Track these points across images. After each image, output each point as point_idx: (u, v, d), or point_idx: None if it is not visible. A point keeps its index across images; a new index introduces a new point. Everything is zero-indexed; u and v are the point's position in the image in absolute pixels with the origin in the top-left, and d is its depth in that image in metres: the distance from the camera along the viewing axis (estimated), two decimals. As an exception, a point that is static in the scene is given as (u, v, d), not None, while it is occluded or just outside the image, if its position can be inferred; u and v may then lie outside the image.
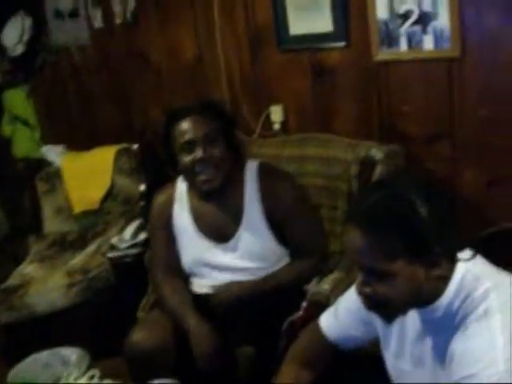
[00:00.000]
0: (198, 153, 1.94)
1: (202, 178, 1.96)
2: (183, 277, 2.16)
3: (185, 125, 1.96)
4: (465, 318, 1.22)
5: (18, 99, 3.56)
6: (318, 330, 1.62)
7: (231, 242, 2.05)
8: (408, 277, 1.23)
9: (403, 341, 1.42)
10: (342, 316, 1.57)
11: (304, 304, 2.02)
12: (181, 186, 2.14)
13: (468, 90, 2.28)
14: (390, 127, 2.52)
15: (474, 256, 1.28)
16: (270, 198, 2.04)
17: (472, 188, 2.37)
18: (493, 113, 2.26)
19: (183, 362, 2.00)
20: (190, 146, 1.95)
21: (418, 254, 1.22)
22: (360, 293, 1.31)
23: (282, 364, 1.63)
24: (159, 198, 2.18)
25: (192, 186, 2.06)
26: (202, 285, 2.13)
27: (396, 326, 1.42)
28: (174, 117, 2.00)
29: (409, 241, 1.21)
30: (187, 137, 1.95)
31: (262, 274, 2.06)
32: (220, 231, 2.06)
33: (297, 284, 2.07)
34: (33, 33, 3.33)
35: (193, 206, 2.10)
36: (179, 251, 2.14)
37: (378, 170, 2.27)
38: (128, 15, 3.04)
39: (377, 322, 1.47)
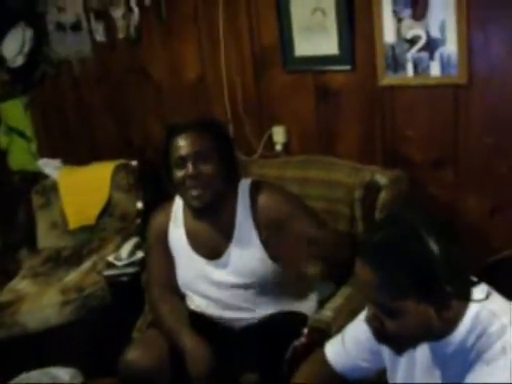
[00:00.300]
0: (189, 169, 1.96)
1: (192, 193, 1.97)
2: (180, 295, 2.15)
3: (180, 140, 1.99)
4: (480, 354, 1.20)
5: (15, 110, 3.52)
6: (323, 358, 1.59)
7: (223, 259, 2.04)
8: (417, 315, 1.21)
9: (412, 373, 1.39)
10: (350, 345, 1.55)
11: (305, 330, 1.99)
12: (177, 204, 2.15)
13: (473, 117, 2.28)
14: (394, 152, 2.51)
15: (488, 296, 1.25)
16: (262, 211, 2.03)
17: (475, 215, 2.36)
18: (498, 140, 2.25)
19: (180, 382, 1.97)
20: (182, 161, 1.97)
21: (427, 294, 1.20)
22: (369, 326, 1.29)
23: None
24: (157, 217, 2.18)
25: (184, 202, 2.07)
26: (198, 302, 2.12)
27: (404, 358, 1.39)
28: (173, 131, 2.03)
29: (419, 280, 1.19)
30: (180, 152, 1.97)
31: (253, 291, 2.04)
32: (212, 248, 2.06)
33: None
34: (33, 44, 3.30)
35: (187, 224, 2.11)
36: (176, 269, 2.13)
37: (383, 195, 2.26)
38: (131, 30, 3.02)
39: (385, 352, 1.45)
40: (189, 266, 2.10)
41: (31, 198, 3.24)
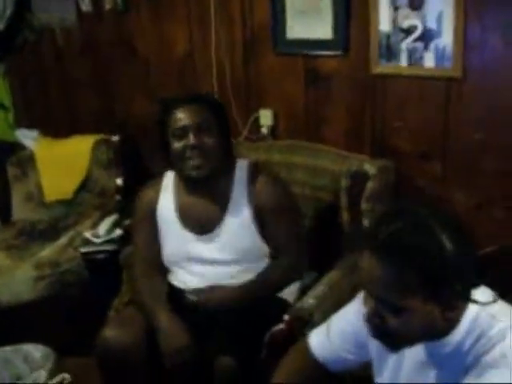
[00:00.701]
0: (190, 138, 1.97)
1: (192, 163, 1.98)
2: (163, 272, 2.14)
3: (180, 113, 2.00)
4: (479, 357, 1.17)
5: (-9, 78, 3.40)
6: (307, 349, 1.56)
7: (214, 233, 2.05)
8: (422, 315, 1.18)
9: (399, 369, 1.37)
10: (335, 336, 1.52)
11: (286, 317, 1.98)
12: (167, 179, 2.15)
13: (465, 112, 2.26)
14: (382, 141, 2.48)
15: (495, 299, 1.21)
16: (257, 192, 2.05)
17: (461, 209, 2.35)
18: (488, 136, 2.24)
19: (156, 361, 1.96)
20: (182, 132, 1.98)
21: (435, 293, 1.16)
22: (368, 321, 1.24)
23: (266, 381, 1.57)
24: (146, 191, 2.17)
25: (180, 174, 2.07)
26: (180, 278, 2.11)
27: (392, 354, 1.37)
28: (171, 105, 2.03)
29: (429, 278, 1.14)
30: (181, 123, 1.98)
31: (239, 268, 2.05)
32: (204, 222, 2.06)
33: (280, 286, 2.08)
34: (15, 9, 3.18)
35: (178, 199, 2.10)
36: (161, 243, 2.12)
37: (370, 185, 2.25)
38: (118, 1, 2.93)
39: (372, 346, 1.43)
40: (176, 240, 2.09)
41: (6, 169, 3.14)
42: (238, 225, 2.04)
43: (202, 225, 2.06)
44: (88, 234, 2.72)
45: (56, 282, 2.61)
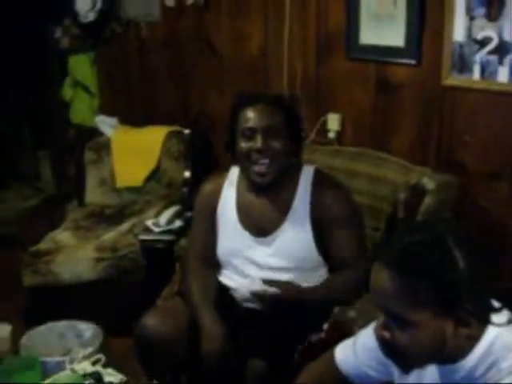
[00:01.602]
0: (258, 142, 1.92)
1: (256, 169, 1.94)
2: (215, 269, 2.12)
3: (251, 112, 1.95)
4: None
5: (82, 65, 3.56)
6: (332, 360, 1.54)
7: (270, 237, 2.00)
8: (432, 330, 1.15)
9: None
10: (360, 352, 1.49)
11: (325, 327, 1.95)
12: (232, 175, 2.11)
13: (538, 131, 2.15)
14: (448, 155, 2.40)
15: (510, 321, 1.17)
16: (321, 203, 1.98)
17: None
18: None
19: (194, 354, 1.95)
20: (251, 133, 1.93)
21: (447, 307, 1.13)
22: (378, 336, 1.22)
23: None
24: (207, 187, 2.14)
25: (244, 174, 2.03)
26: (231, 276, 2.09)
27: (414, 377, 1.33)
28: (243, 101, 1.99)
29: (440, 292, 1.12)
30: (250, 124, 1.93)
31: (292, 276, 1.99)
32: (262, 225, 2.02)
33: (341, 299, 1.98)
34: (105, 2, 3.32)
35: (240, 197, 2.07)
36: (217, 238, 2.10)
37: (427, 200, 2.17)
38: (200, -3, 2.99)
39: (394, 367, 1.39)
40: (232, 238, 2.06)
41: (84, 153, 3.29)
42: (296, 233, 1.98)
43: (259, 227, 2.02)
44: (149, 223, 2.79)
45: (113, 265, 2.69)
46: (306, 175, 2.03)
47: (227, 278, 2.10)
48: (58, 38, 3.53)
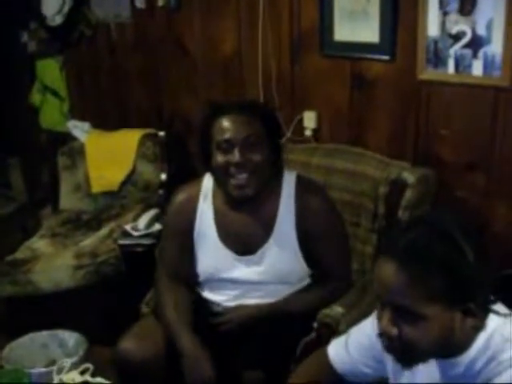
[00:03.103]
0: (235, 155, 1.78)
1: (235, 182, 1.81)
2: (189, 287, 2.00)
3: (226, 122, 1.81)
4: (488, 380, 1.14)
5: (51, 69, 3.50)
6: (325, 358, 1.55)
7: (257, 255, 1.90)
8: (442, 324, 1.15)
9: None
10: (353, 349, 1.50)
11: (315, 325, 1.94)
12: (207, 186, 1.97)
13: (513, 123, 2.19)
14: (425, 149, 2.42)
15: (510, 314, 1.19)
16: (306, 213, 1.89)
17: (503, 224, 2.27)
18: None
19: (174, 377, 1.88)
20: (227, 145, 1.80)
21: (458, 300, 1.13)
22: (383, 333, 1.21)
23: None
24: (180, 196, 1.99)
25: (221, 189, 1.90)
26: (211, 297, 2.00)
27: (408, 373, 1.33)
28: (217, 111, 1.85)
29: (452, 284, 1.12)
30: (226, 135, 1.80)
31: (280, 293, 1.94)
32: (246, 242, 1.91)
33: (316, 309, 1.94)
34: (73, 4, 3.26)
35: (218, 212, 1.94)
36: (196, 258, 1.97)
37: (408, 194, 2.19)
38: (171, -1, 2.97)
39: (388, 362, 1.39)
40: (213, 257, 1.94)
41: (57, 159, 3.23)
42: (283, 248, 1.89)
43: (243, 244, 1.91)
44: (128, 227, 2.76)
45: (93, 272, 2.65)
46: (289, 184, 1.92)
47: (210, 293, 2.01)
48: (24, 42, 3.47)
